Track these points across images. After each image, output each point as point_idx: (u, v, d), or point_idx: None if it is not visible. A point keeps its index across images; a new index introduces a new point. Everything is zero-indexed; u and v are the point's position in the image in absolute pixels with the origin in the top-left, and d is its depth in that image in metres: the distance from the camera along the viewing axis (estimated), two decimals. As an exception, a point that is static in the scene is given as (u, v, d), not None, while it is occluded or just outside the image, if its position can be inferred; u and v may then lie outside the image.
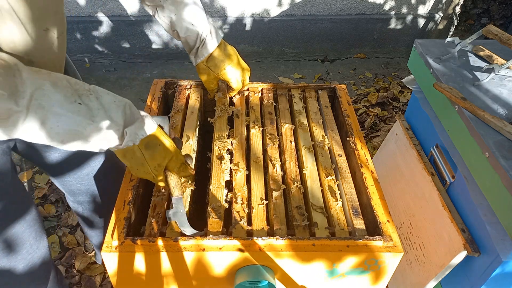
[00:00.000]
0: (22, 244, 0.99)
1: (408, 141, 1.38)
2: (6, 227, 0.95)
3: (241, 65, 1.16)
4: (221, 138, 1.10)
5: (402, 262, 1.36)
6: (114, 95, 0.74)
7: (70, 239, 1.88)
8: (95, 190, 1.22)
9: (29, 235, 1.01)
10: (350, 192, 0.99)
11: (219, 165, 1.03)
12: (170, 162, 0.83)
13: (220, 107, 1.19)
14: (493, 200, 0.97)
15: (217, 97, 1.22)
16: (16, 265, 0.99)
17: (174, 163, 0.84)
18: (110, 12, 2.86)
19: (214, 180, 0.99)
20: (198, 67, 1.12)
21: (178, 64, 3.08)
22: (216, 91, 1.22)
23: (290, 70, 3.08)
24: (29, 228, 1.00)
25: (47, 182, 2.10)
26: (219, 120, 1.16)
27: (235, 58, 1.13)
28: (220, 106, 1.20)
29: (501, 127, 0.98)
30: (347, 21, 3.07)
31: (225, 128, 1.13)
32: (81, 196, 1.22)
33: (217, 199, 0.95)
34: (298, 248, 0.84)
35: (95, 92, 0.71)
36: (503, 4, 3.78)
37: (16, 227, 0.97)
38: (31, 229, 1.01)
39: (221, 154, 1.06)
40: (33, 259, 1.03)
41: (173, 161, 0.84)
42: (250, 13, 2.95)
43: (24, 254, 1.01)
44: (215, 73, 1.12)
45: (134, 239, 0.84)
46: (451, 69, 1.21)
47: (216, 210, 0.93)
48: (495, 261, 0.98)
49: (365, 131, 2.53)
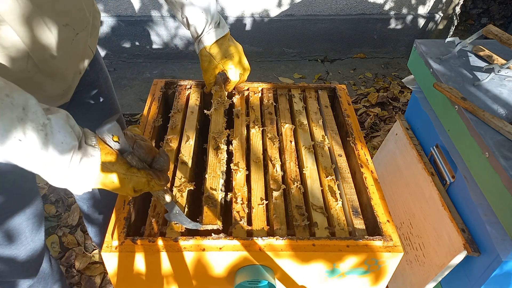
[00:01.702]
0: (18, 236, 1.01)
1: (408, 141, 1.38)
2: (7, 217, 0.96)
3: (243, 62, 1.16)
4: (218, 129, 1.10)
5: (402, 262, 1.36)
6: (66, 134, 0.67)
7: (70, 239, 1.88)
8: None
9: (26, 228, 1.02)
10: (350, 192, 0.99)
11: (215, 155, 1.03)
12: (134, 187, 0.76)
13: (217, 100, 1.19)
14: (493, 200, 0.97)
15: (214, 90, 1.22)
16: (9, 255, 1.01)
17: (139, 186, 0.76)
18: (110, 12, 2.86)
19: (210, 170, 0.99)
20: (201, 54, 1.12)
21: (178, 64, 3.08)
22: (214, 85, 1.22)
23: (290, 70, 3.08)
24: (27, 220, 1.02)
25: (47, 182, 2.10)
26: (215, 112, 1.16)
27: (238, 53, 1.14)
28: (216, 99, 1.20)
29: (501, 127, 0.98)
30: (347, 21, 3.07)
31: (222, 121, 1.14)
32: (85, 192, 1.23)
33: (212, 188, 0.95)
34: (298, 248, 0.84)
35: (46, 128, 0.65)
36: (503, 4, 3.78)
37: (15, 219, 0.98)
38: (29, 222, 1.02)
39: (218, 144, 1.06)
40: (26, 251, 1.05)
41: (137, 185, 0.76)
42: (250, 13, 2.95)
43: (18, 245, 1.02)
44: (216, 61, 1.12)
45: (134, 239, 0.84)
46: (451, 69, 1.21)
47: (212, 198, 0.93)
48: (495, 261, 0.98)
49: (365, 131, 2.53)
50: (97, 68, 1.14)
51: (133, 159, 0.75)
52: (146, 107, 1.18)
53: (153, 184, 0.77)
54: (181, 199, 0.94)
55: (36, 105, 0.63)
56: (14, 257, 1.03)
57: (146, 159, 0.77)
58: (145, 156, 0.77)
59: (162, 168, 0.79)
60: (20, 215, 1.00)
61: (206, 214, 0.90)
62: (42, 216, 1.09)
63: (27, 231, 1.03)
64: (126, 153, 0.75)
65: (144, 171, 0.76)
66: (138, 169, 0.75)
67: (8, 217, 0.97)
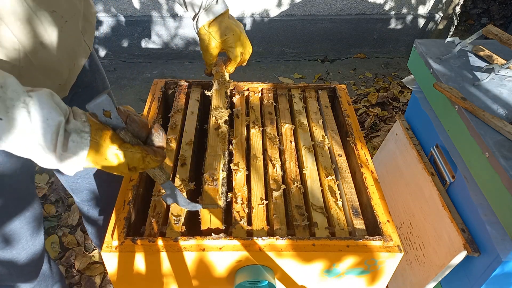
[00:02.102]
0: (19, 240, 1.00)
1: (408, 141, 1.38)
2: (6, 221, 0.96)
3: (244, 39, 1.11)
4: (218, 109, 1.04)
5: (402, 262, 1.36)
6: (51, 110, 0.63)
7: (70, 239, 1.88)
8: (98, 188, 1.22)
9: (26, 231, 1.01)
10: (350, 192, 0.99)
11: (216, 135, 0.99)
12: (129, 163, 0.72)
13: (218, 80, 1.12)
14: (493, 200, 0.97)
15: (214, 71, 1.15)
16: (9, 259, 1.00)
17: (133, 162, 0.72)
18: (110, 12, 2.86)
19: (210, 150, 0.95)
20: (199, 33, 1.07)
21: (178, 64, 3.08)
22: (214, 65, 1.16)
23: (290, 70, 3.08)
24: (27, 224, 1.01)
25: (47, 182, 2.10)
26: (216, 93, 1.09)
27: (239, 30, 1.09)
28: (217, 79, 1.13)
29: (501, 127, 0.98)
30: (347, 21, 3.07)
31: (223, 100, 1.07)
32: (84, 194, 1.23)
33: (213, 167, 0.90)
34: (298, 248, 0.84)
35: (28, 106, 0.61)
36: (503, 4, 3.78)
37: (15, 223, 0.98)
38: (29, 226, 1.02)
39: (218, 123, 1.01)
40: (26, 255, 1.05)
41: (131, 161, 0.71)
42: (250, 13, 2.95)
43: (18, 249, 1.02)
44: (216, 39, 1.08)
45: (134, 239, 0.84)
46: (451, 69, 1.21)
47: (212, 176, 0.88)
48: (495, 261, 0.98)
49: (365, 131, 2.53)
50: (94, 68, 1.12)
51: (126, 135, 0.71)
52: (146, 107, 1.18)
53: (148, 161, 0.72)
54: (181, 199, 0.94)
55: (15, 83, 0.60)
56: (14, 261, 1.02)
57: (141, 135, 0.73)
58: (139, 132, 0.73)
59: (157, 144, 0.75)
60: (19, 219, 0.98)
61: (206, 194, 0.85)
62: (41, 219, 1.08)
63: (28, 235, 1.02)
64: (119, 129, 0.70)
65: (138, 147, 0.71)
66: (132, 145, 0.71)
67: (7, 221, 0.96)
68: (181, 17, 2.89)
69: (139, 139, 0.73)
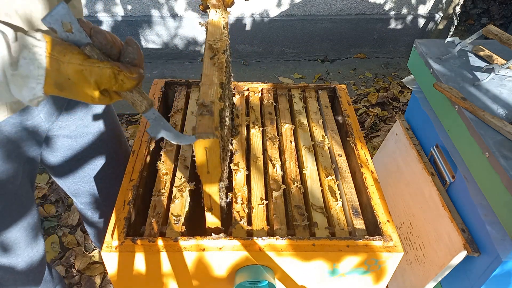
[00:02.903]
0: (16, 248, 0.99)
1: (408, 141, 1.38)
2: (7, 227, 0.95)
3: None
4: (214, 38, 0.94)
5: (402, 262, 1.36)
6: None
7: (70, 239, 1.88)
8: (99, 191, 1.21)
9: (27, 237, 1.01)
10: (350, 192, 0.99)
11: (212, 64, 0.89)
12: (97, 82, 0.61)
13: (214, 11, 1.02)
14: (493, 200, 0.97)
15: (210, 3, 1.05)
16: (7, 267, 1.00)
17: (102, 80, 0.61)
18: (110, 12, 2.86)
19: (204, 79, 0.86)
20: None
21: (178, 64, 3.08)
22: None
23: (290, 70, 3.08)
24: (25, 231, 1.00)
25: (47, 182, 2.10)
26: (212, 23, 0.99)
27: None
28: (213, 10, 1.02)
29: (501, 127, 0.98)
30: (347, 21, 3.07)
31: (220, 31, 0.97)
32: (85, 197, 1.22)
33: (208, 95, 0.81)
34: (298, 248, 0.84)
35: None
36: (503, 4, 3.78)
37: (12, 231, 0.96)
38: (27, 233, 1.01)
39: (214, 51, 0.91)
40: (25, 263, 1.04)
41: (100, 79, 0.60)
42: (250, 13, 2.95)
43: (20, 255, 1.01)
44: None
45: (134, 239, 0.84)
46: (451, 69, 1.21)
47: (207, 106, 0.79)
48: (495, 261, 0.98)
49: (365, 131, 2.53)
50: None
51: (93, 51, 0.60)
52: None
53: (122, 79, 0.61)
54: (181, 199, 0.94)
55: None
56: (15, 267, 1.01)
57: (111, 52, 0.63)
58: (107, 46, 0.62)
59: (132, 60, 0.63)
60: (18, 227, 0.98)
61: (201, 123, 0.75)
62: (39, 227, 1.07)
63: (28, 240, 1.02)
64: (83, 45, 0.60)
65: (107, 62, 0.60)
66: (101, 61, 0.60)
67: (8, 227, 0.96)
68: (181, 17, 2.90)
69: (109, 57, 0.63)
